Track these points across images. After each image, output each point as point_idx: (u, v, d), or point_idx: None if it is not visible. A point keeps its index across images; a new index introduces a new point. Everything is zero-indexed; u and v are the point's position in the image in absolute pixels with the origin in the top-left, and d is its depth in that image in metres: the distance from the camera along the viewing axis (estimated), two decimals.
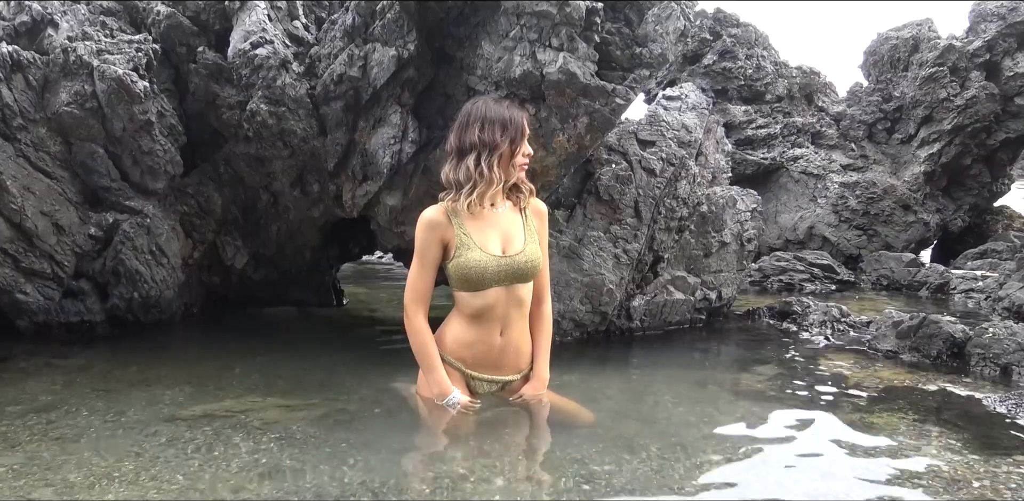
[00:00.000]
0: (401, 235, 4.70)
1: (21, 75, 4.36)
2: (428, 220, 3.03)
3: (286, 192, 4.93)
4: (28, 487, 2.45)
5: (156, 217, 4.79)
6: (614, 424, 3.21)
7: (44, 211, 4.42)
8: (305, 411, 3.32)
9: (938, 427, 3.31)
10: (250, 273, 5.57)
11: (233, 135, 4.77)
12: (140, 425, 3.10)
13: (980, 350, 4.40)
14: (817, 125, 10.47)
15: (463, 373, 3.17)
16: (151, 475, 2.55)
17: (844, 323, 5.51)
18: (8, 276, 4.41)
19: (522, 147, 3.04)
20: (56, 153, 4.51)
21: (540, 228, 3.21)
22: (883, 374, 4.27)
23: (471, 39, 4.28)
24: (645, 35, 4.22)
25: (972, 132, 9.21)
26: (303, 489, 2.46)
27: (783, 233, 10.16)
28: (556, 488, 2.52)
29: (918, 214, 9.45)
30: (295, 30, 4.58)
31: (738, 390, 3.91)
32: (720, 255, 5.54)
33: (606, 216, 4.86)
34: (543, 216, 3.26)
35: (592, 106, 4.09)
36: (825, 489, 2.58)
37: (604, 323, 4.98)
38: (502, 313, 3.08)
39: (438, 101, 4.52)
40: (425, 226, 3.03)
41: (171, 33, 4.77)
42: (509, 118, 3.01)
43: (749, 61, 10.64)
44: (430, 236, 3.03)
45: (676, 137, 5.14)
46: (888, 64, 10.11)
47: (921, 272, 7.82)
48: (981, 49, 9.18)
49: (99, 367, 4.09)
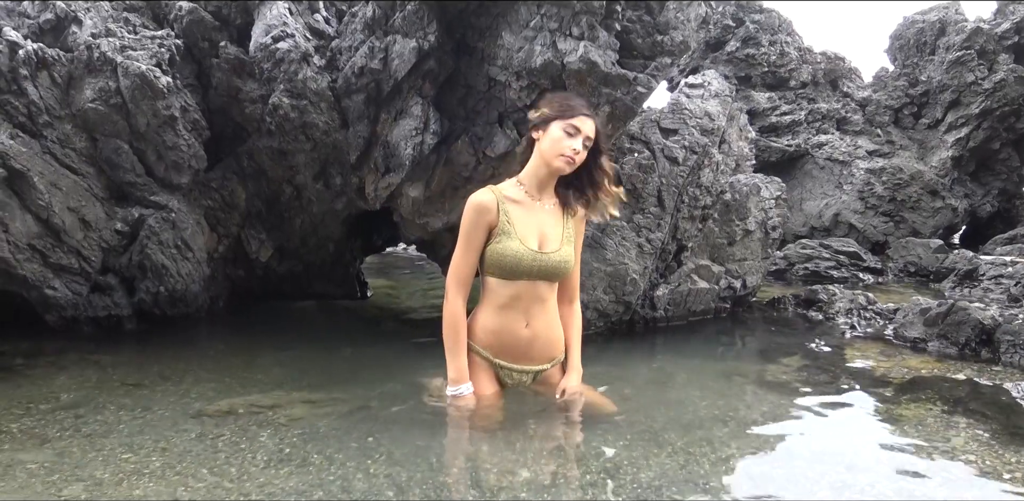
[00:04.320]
0: (424, 226, 4.71)
1: (46, 72, 4.40)
2: (477, 203, 3.00)
3: (309, 185, 4.95)
4: (60, 483, 2.48)
5: (181, 211, 4.83)
6: (640, 417, 3.20)
7: (71, 207, 4.46)
8: (331, 406, 3.33)
9: (966, 417, 3.27)
10: (274, 266, 5.61)
11: (256, 129, 4.79)
12: (167, 421, 3.14)
13: (1010, 337, 4.34)
14: (842, 111, 10.37)
15: (491, 362, 3.15)
16: (178, 471, 2.58)
17: (871, 311, 5.47)
18: (36, 271, 4.46)
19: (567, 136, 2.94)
20: (82, 149, 4.55)
21: (577, 233, 3.18)
22: (910, 363, 4.23)
23: (492, 29, 4.26)
24: (666, 23, 4.19)
25: (1000, 116, 9.10)
26: (328, 483, 2.47)
27: (808, 220, 10.10)
28: (581, 482, 2.51)
29: (946, 200, 9.35)
30: (316, 23, 4.59)
31: (763, 382, 3.89)
32: (744, 243, 5.51)
33: (629, 205, 4.83)
34: (582, 223, 3.23)
35: (613, 95, 4.07)
36: (851, 481, 2.56)
37: (628, 313, 4.97)
38: (525, 306, 3.07)
39: (459, 92, 4.51)
40: (473, 209, 3.00)
41: (193, 28, 4.79)
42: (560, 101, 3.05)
43: (773, 47, 10.55)
44: (479, 219, 2.99)
45: (699, 125, 5.09)
46: (914, 48, 9.99)
47: (949, 258, 7.73)
48: (1010, 31, 9.05)
49: (127, 362, 4.13)
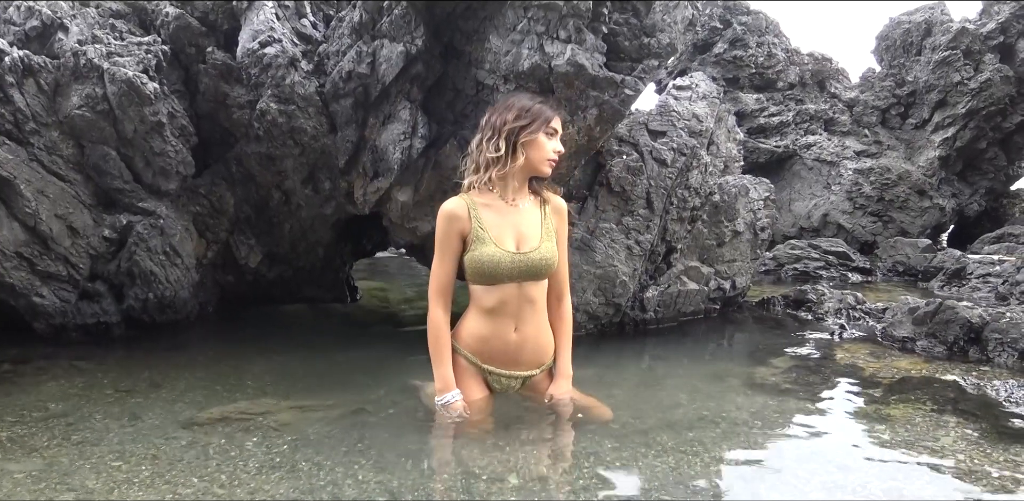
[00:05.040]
0: (413, 231, 4.71)
1: (33, 79, 4.38)
2: (447, 212, 3.04)
3: (298, 190, 4.94)
4: (49, 492, 2.46)
5: (169, 218, 4.82)
6: (630, 419, 3.20)
7: (58, 214, 4.44)
8: (321, 412, 3.33)
9: (955, 417, 3.28)
10: (264, 271, 5.59)
11: (244, 134, 4.78)
12: (157, 428, 3.12)
13: (998, 335, 4.36)
14: (830, 112, 10.42)
15: (480, 368, 3.16)
16: (168, 479, 2.57)
17: (859, 310, 5.49)
18: (24, 279, 4.44)
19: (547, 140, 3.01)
20: (69, 156, 4.53)
21: (559, 226, 3.19)
22: (899, 364, 4.25)
23: (479, 33, 4.27)
24: (653, 25, 4.20)
25: (987, 115, 9.15)
26: (319, 489, 2.46)
27: (797, 221, 10.13)
28: (572, 486, 2.51)
29: (933, 199, 9.40)
30: (303, 28, 4.58)
31: (753, 383, 3.90)
32: (733, 244, 5.52)
33: (618, 208, 4.84)
34: (563, 214, 3.23)
35: (601, 97, 4.08)
36: (842, 481, 2.57)
37: (618, 315, 4.97)
38: (515, 309, 3.08)
39: (447, 96, 4.51)
40: (444, 218, 3.04)
41: (180, 34, 4.78)
42: (531, 107, 3.01)
43: (760, 49, 10.59)
44: (449, 228, 3.03)
45: (687, 127, 5.11)
46: (901, 49, 10.03)
47: (937, 257, 7.77)
48: (995, 31, 9.10)
49: (117, 369, 4.11)
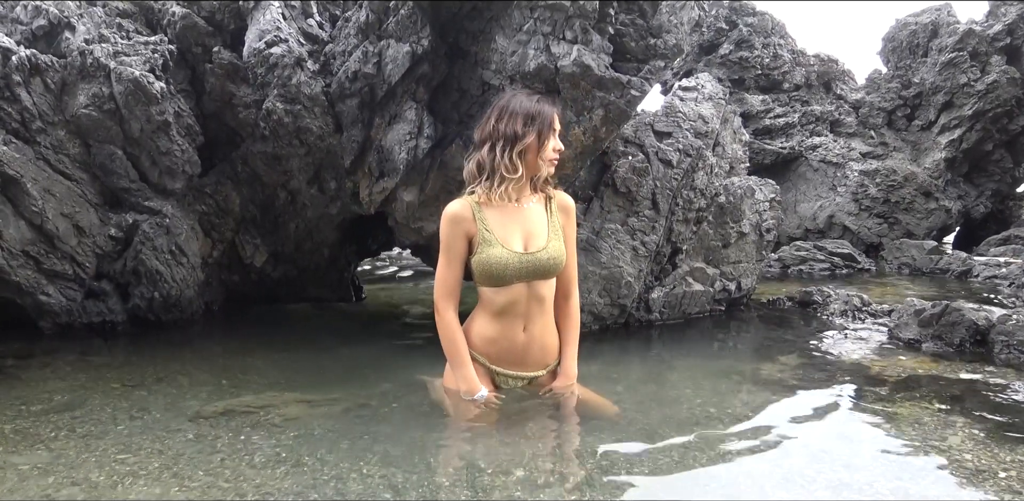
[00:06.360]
0: (418, 231, 4.71)
1: (39, 78, 4.40)
2: (451, 214, 3.02)
3: (303, 190, 4.95)
4: (55, 485, 2.47)
5: (175, 217, 4.83)
6: (636, 415, 3.20)
7: (64, 213, 4.46)
8: (326, 406, 3.33)
9: (962, 417, 3.27)
10: (269, 271, 5.60)
11: (250, 134, 4.79)
12: (163, 422, 3.13)
13: (1004, 337, 4.36)
14: (836, 113, 10.40)
15: (487, 368, 3.17)
16: (173, 472, 2.57)
17: (865, 312, 5.49)
18: (30, 278, 4.45)
19: (550, 141, 3.02)
20: (75, 155, 4.55)
21: (566, 224, 3.17)
22: (906, 363, 4.24)
23: (485, 33, 4.27)
24: (659, 26, 4.20)
25: (994, 117, 9.13)
26: (323, 483, 2.46)
27: (803, 222, 10.11)
28: (577, 480, 2.51)
29: (939, 201, 9.38)
30: (309, 28, 4.60)
31: (759, 380, 3.89)
32: (739, 246, 5.52)
33: (623, 208, 4.84)
34: (570, 212, 3.21)
35: (607, 98, 4.08)
36: (849, 480, 2.56)
37: (623, 316, 4.97)
38: (524, 309, 3.07)
39: (453, 96, 4.52)
40: (448, 220, 3.02)
41: (187, 33, 4.80)
42: (537, 111, 2.99)
43: (766, 50, 10.59)
44: (454, 230, 3.02)
45: (693, 128, 5.11)
46: (907, 50, 10.03)
47: (943, 259, 7.75)
48: (1001, 33, 9.09)
49: (122, 364, 4.13)
